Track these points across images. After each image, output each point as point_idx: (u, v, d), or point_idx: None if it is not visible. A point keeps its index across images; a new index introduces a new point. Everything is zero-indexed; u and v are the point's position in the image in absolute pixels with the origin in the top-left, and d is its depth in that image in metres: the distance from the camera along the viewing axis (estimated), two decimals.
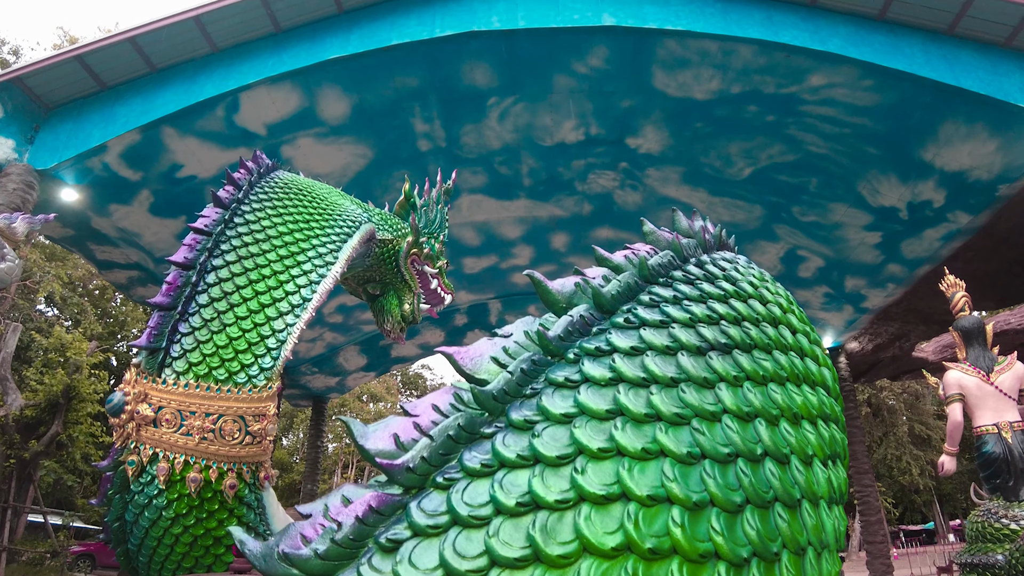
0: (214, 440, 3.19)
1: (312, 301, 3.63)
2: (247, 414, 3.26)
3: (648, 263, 1.68)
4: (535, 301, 16.26)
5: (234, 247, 3.64)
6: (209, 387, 3.22)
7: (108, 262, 11.96)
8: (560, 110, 10.24)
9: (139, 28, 9.32)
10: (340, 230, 4.05)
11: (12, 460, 18.68)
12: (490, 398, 1.28)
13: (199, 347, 3.31)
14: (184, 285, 3.48)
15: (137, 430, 3.19)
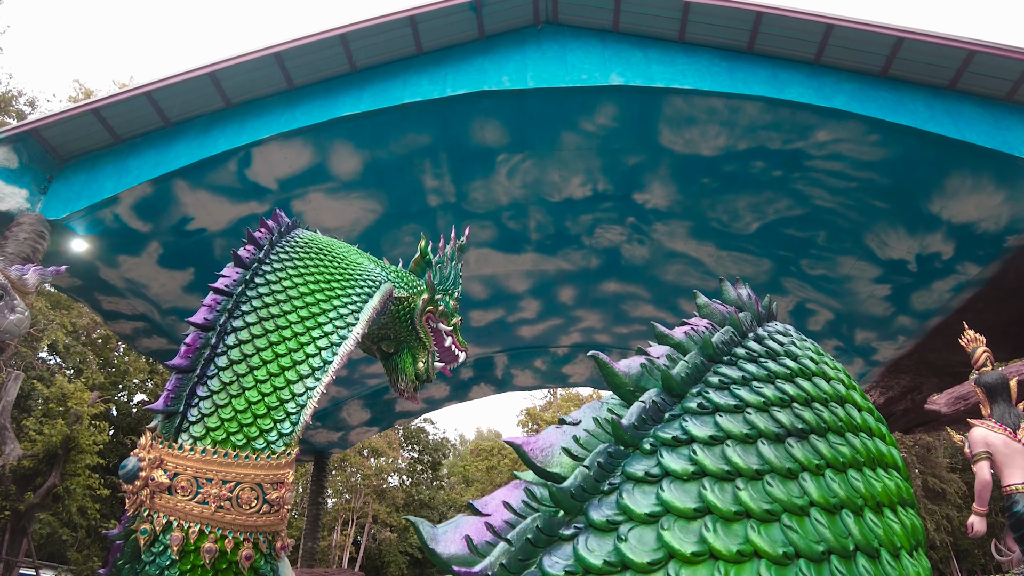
0: (231, 509, 3.08)
1: (333, 364, 3.57)
2: (265, 481, 3.16)
3: (713, 341, 1.63)
4: (541, 355, 16.19)
5: (255, 308, 3.59)
6: (227, 453, 3.12)
7: (114, 313, 11.93)
8: (568, 166, 10.35)
9: (155, 83, 9.49)
10: (361, 290, 4.02)
11: (7, 512, 18.35)
12: (568, 496, 1.21)
13: (217, 411, 3.22)
14: (203, 347, 3.40)
15: (151, 497, 3.08)
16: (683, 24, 9.52)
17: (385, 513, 34.06)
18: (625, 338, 15.37)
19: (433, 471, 39.40)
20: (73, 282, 10.91)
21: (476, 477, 37.83)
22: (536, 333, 15.19)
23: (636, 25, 9.78)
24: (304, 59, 9.48)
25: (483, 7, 9.57)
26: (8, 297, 5.50)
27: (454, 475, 40.33)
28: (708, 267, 12.45)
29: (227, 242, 10.76)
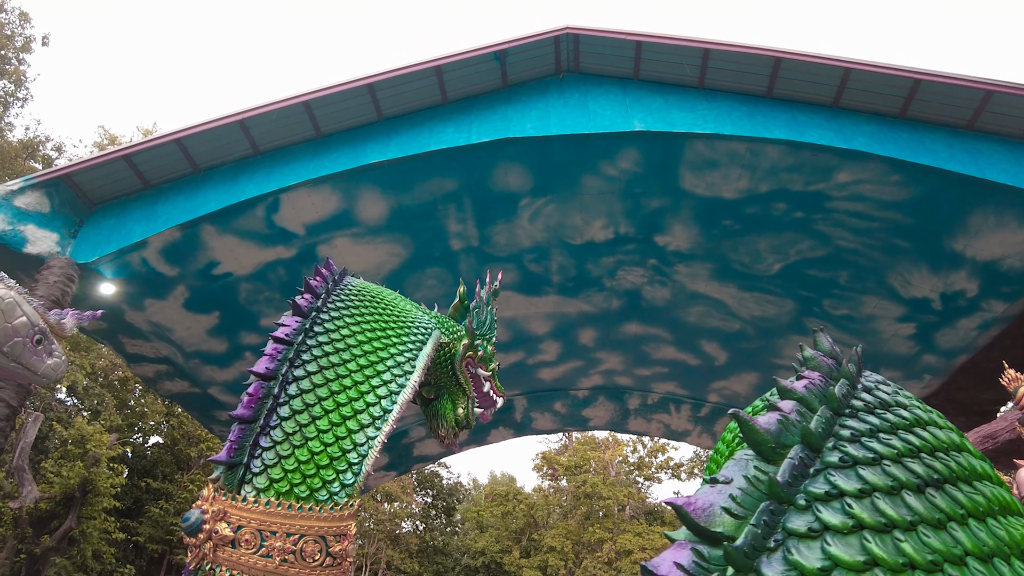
0: (295, 562, 3.01)
1: (393, 413, 3.55)
2: (328, 534, 3.11)
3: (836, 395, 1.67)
4: (561, 398, 16.08)
5: (315, 357, 3.57)
6: (291, 505, 3.07)
7: (138, 355, 12.00)
8: (590, 210, 10.45)
9: (185, 130, 9.71)
10: (415, 337, 4.02)
11: (22, 555, 18.16)
12: (742, 555, 1.26)
13: (281, 462, 3.17)
14: (265, 396, 3.37)
15: (214, 550, 3.03)
16: (703, 70, 9.70)
17: (399, 559, 33.51)
18: (646, 380, 15.27)
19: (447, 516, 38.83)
20: (99, 325, 11.01)
21: (491, 523, 37.24)
22: (556, 375, 15.13)
23: (657, 72, 9.97)
24: (332, 108, 9.71)
25: (507, 57, 9.80)
26: (47, 341, 5.53)
27: (468, 520, 39.70)
28: (730, 308, 12.43)
29: (253, 286, 10.87)
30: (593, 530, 30.48)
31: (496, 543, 36.45)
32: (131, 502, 22.61)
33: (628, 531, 30.18)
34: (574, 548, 30.93)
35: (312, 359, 3.57)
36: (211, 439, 23.46)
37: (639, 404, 16.26)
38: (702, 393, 15.47)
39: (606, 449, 34.40)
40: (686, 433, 17.22)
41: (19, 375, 5.17)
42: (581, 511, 31.96)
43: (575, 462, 33.01)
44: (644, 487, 34.93)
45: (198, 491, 22.86)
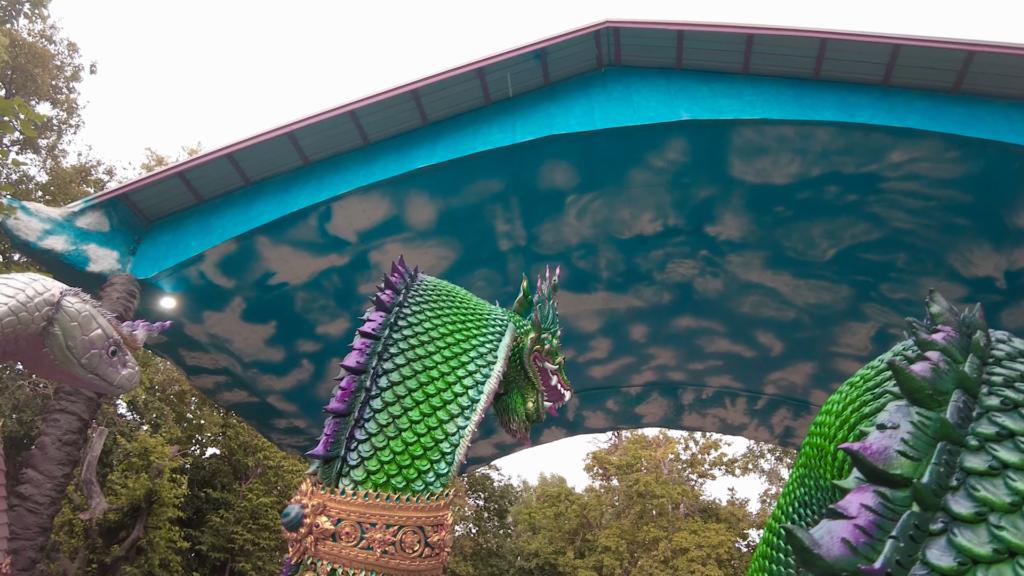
0: (395, 554, 3.04)
1: (480, 402, 3.59)
2: (426, 524, 3.14)
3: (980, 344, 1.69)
4: (613, 396, 15.99)
5: (402, 350, 3.63)
6: (389, 496, 3.10)
7: (197, 367, 12.32)
8: (638, 203, 10.38)
9: (235, 145, 9.93)
10: (493, 329, 4.06)
11: (94, 565, 18.78)
12: (930, 494, 1.33)
13: (376, 454, 3.22)
14: (358, 390, 3.43)
15: (315, 544, 3.08)
16: (747, 56, 9.56)
17: (453, 562, 33.66)
18: (700, 374, 15.09)
19: (499, 519, 38.85)
20: (159, 339, 11.33)
21: (543, 524, 37.13)
22: (607, 373, 15.05)
23: (700, 61, 9.86)
24: (378, 116, 9.84)
25: (547, 55, 9.81)
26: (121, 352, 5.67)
27: (520, 523, 39.65)
28: (785, 296, 12.21)
29: (308, 295, 11.08)
30: (647, 529, 30.17)
31: (549, 544, 36.34)
32: (193, 512, 23.18)
33: (683, 529, 29.81)
34: (629, 547, 30.66)
35: (399, 352, 3.63)
36: (267, 448, 23.93)
37: (693, 399, 16.08)
38: (758, 385, 15.22)
39: (657, 447, 34.01)
40: (742, 427, 16.95)
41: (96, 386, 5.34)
42: (634, 510, 31.67)
43: (626, 461, 32.71)
44: (697, 484, 34.44)
45: (256, 500, 23.33)
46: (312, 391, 13.29)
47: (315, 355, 12.46)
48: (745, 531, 31.54)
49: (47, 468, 8.71)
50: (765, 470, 36.17)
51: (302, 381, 12.93)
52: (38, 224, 9.36)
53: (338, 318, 11.75)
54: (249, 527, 23.14)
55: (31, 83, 19.27)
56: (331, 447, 3.27)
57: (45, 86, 20.05)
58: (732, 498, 34.60)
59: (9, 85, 19.11)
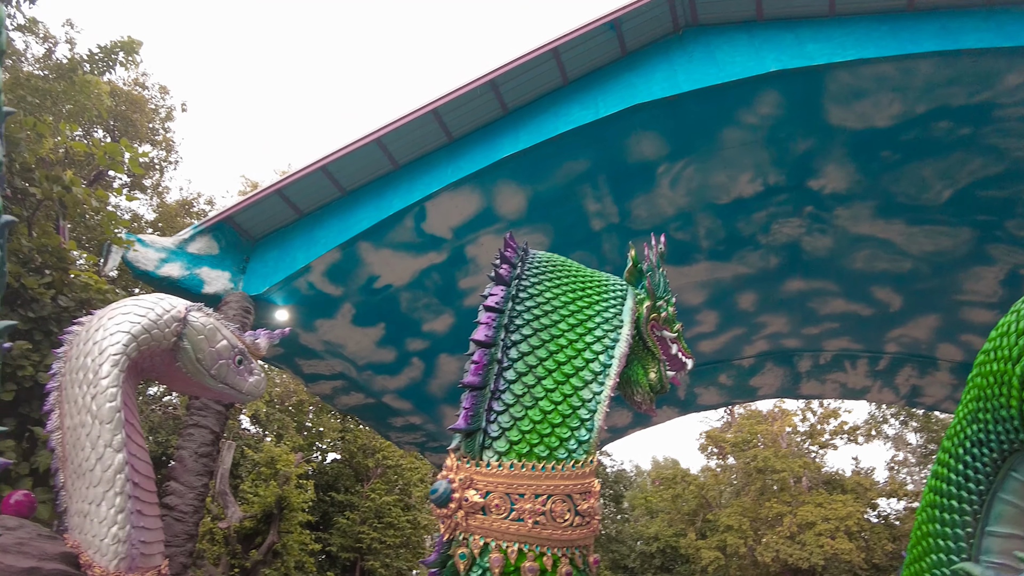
0: (546, 524, 3.01)
1: (613, 367, 3.53)
2: (574, 492, 3.11)
3: None
4: (725, 369, 15.54)
5: (527, 321, 3.63)
6: (534, 466, 3.08)
7: (314, 375, 12.83)
8: (734, 165, 9.99)
9: (328, 157, 10.22)
10: (614, 295, 4.01)
11: (236, 569, 19.95)
12: None
13: (516, 424, 3.21)
14: (490, 363, 3.45)
15: (466, 518, 3.09)
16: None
17: None
18: (816, 339, 14.41)
19: (615, 504, 38.69)
20: (276, 351, 11.85)
21: (661, 507, 36.65)
22: (717, 347, 14.61)
23: (781, 9, 9.37)
24: (458, 110, 9.89)
25: (621, 25, 9.56)
26: (247, 361, 5.90)
27: (637, 507, 39.31)
28: (899, 247, 11.46)
29: (412, 294, 11.33)
30: (770, 505, 29.21)
31: (669, 527, 35.85)
32: (320, 515, 24.29)
33: (808, 502, 28.68)
34: (752, 525, 29.79)
35: (525, 323, 3.62)
36: (385, 448, 24.72)
37: (811, 366, 15.38)
38: (878, 345, 14.39)
39: (773, 421, 32.85)
40: (865, 390, 16.09)
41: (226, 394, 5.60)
42: (754, 487, 30.73)
43: (742, 438, 31.78)
44: (818, 455, 33.02)
45: (379, 499, 24.17)
46: (424, 388, 13.60)
47: (424, 352, 12.73)
48: (874, 501, 30.02)
49: (187, 479, 9.30)
50: (890, 436, 34.34)
51: (414, 379, 13.25)
52: (154, 254, 9.95)
53: (442, 314, 11.96)
54: (375, 526, 24.02)
55: (131, 128, 20.61)
56: (471, 420, 3.29)
57: (143, 128, 21.39)
58: (857, 467, 33.06)
59: (112, 132, 20.54)
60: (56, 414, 4.34)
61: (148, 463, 4.55)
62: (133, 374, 4.67)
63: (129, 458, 4.17)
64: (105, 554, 3.92)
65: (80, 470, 4.10)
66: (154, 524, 4.44)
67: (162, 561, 4.51)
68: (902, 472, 33.81)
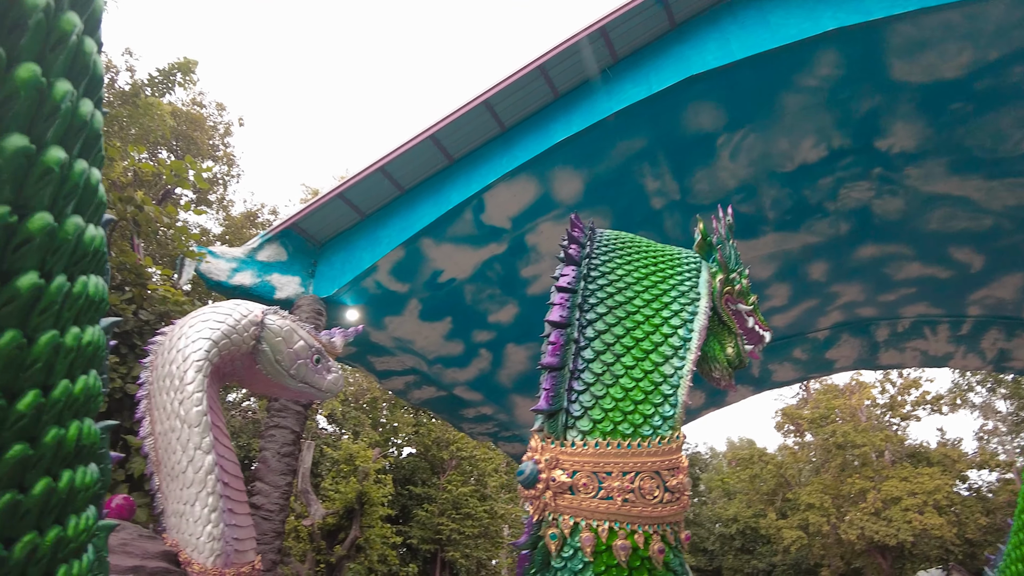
0: (636, 501, 2.99)
1: (693, 340, 3.49)
2: (662, 468, 3.08)
3: None
4: (799, 344, 15.14)
5: (601, 299, 3.60)
6: (620, 443, 3.06)
7: (387, 371, 13.12)
8: (795, 130, 9.70)
9: (384, 158, 10.38)
10: (687, 268, 3.95)
11: (321, 565, 20.61)
12: None
13: (598, 403, 3.20)
14: (567, 343, 3.44)
15: (554, 499, 3.11)
16: None
17: None
18: (893, 306, 13.87)
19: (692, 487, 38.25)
20: (349, 349, 12.18)
21: (738, 488, 36.03)
22: (789, 320, 14.23)
23: None
24: (510, 99, 9.90)
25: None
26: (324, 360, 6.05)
27: (713, 489, 38.79)
28: (978, 203, 10.92)
29: (475, 287, 11.45)
30: (852, 481, 28.31)
31: (748, 508, 35.23)
32: (399, 509, 24.87)
33: (892, 477, 27.68)
34: (834, 502, 28.95)
35: (599, 301, 3.60)
36: (459, 440, 25.07)
37: (888, 334, 14.82)
38: (960, 308, 13.75)
39: (851, 394, 31.79)
40: (947, 357, 15.41)
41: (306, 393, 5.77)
42: (835, 463, 29.84)
43: (819, 413, 30.87)
44: (901, 428, 31.80)
45: (456, 491, 24.53)
46: (494, 378, 13.74)
47: (491, 343, 12.86)
48: (963, 473, 28.72)
49: (272, 479, 9.66)
50: (976, 404, 32.78)
51: (483, 370, 13.41)
52: (225, 264, 10.33)
53: (506, 304, 12.04)
54: (453, 517, 24.42)
55: (193, 145, 21.41)
56: (553, 401, 3.27)
57: (204, 145, 22.18)
58: (942, 439, 31.66)
59: (176, 151, 21.38)
60: (147, 421, 4.52)
61: (236, 463, 4.71)
62: (216, 379, 4.82)
63: (218, 459, 4.33)
64: (202, 552, 4.09)
65: (173, 473, 4.29)
66: (245, 521, 4.61)
67: (255, 557, 4.67)
68: (992, 442, 32.26)
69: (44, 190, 1.07)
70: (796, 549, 30.85)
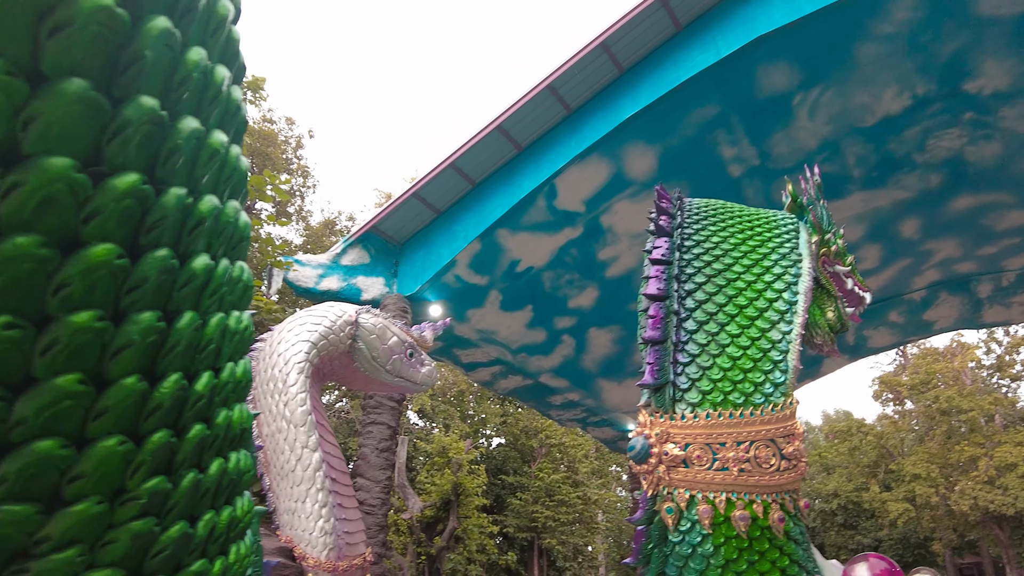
0: (752, 471, 2.95)
1: (799, 303, 3.40)
2: (777, 436, 3.04)
3: None
4: (895, 307, 14.48)
5: (699, 268, 3.56)
6: (731, 413, 3.04)
7: (472, 364, 13.32)
8: (875, 81, 9.26)
9: (454, 153, 10.50)
10: (784, 229, 3.85)
11: (422, 557, 21.16)
12: None
13: (705, 374, 3.17)
14: (667, 315, 3.42)
15: (668, 473, 3.10)
16: None
17: None
18: (995, 259, 13.05)
19: None
20: (436, 344, 12.37)
21: (837, 462, 34.84)
22: (882, 283, 13.59)
23: None
24: (574, 80, 9.83)
25: None
26: (417, 353, 6.20)
27: (811, 464, 37.60)
28: None
29: (553, 273, 11.47)
30: (960, 448, 26.89)
31: (848, 482, 34.02)
32: (493, 499, 25.24)
33: (1005, 442, 26.10)
34: (942, 472, 27.57)
35: (696, 271, 3.54)
36: (547, 428, 25.21)
37: (992, 290, 13.96)
38: None
39: (952, 357, 30.15)
40: None
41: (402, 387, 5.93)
42: (940, 430, 28.39)
43: (919, 379, 29.41)
44: (1011, 390, 29.96)
45: (548, 478, 24.70)
46: (578, 364, 13.75)
47: (573, 329, 12.87)
48: None
49: (372, 474, 9.97)
50: None
51: (567, 356, 13.43)
52: (312, 271, 10.69)
53: (586, 289, 12.02)
54: (546, 504, 24.61)
55: (268, 161, 22.22)
56: (658, 374, 3.24)
57: (278, 159, 22.98)
58: None
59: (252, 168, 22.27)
60: (255, 423, 4.68)
61: (341, 459, 4.89)
62: (317, 379, 4.97)
63: (324, 456, 4.47)
64: (315, 546, 4.23)
65: (283, 472, 4.45)
66: (354, 515, 4.78)
67: (366, 549, 4.83)
68: None
69: (210, 173, 1.10)
70: (903, 522, 29.59)
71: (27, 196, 0.81)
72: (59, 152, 0.84)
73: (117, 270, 0.91)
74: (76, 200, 0.86)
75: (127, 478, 0.98)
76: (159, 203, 0.97)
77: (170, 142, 0.98)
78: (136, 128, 0.92)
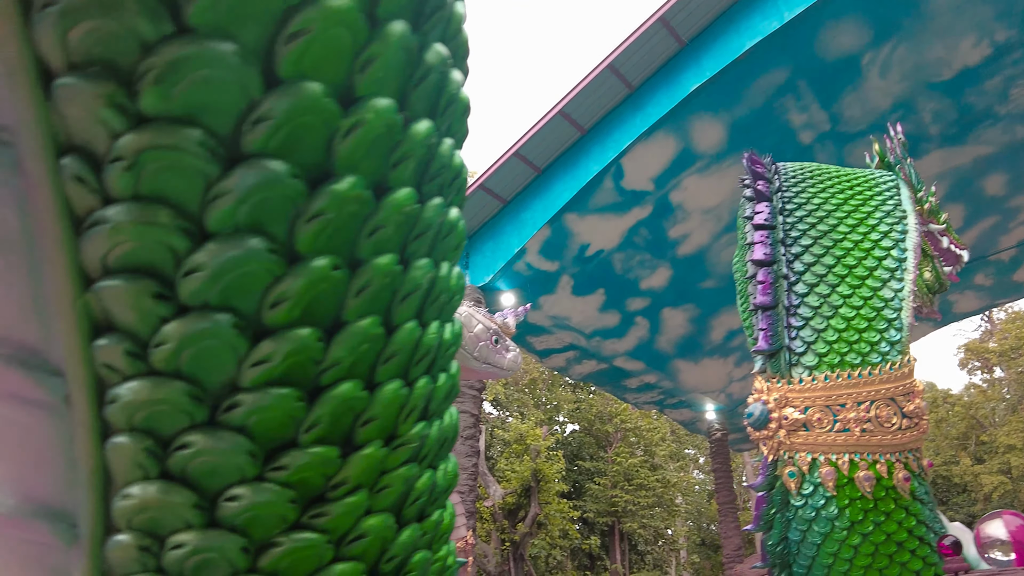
0: (874, 430, 2.94)
1: (909, 259, 3.38)
2: (897, 394, 3.03)
3: None
4: (981, 269, 13.83)
5: (803, 231, 3.55)
6: (849, 374, 3.03)
7: (546, 350, 13.43)
8: (950, 32, 8.91)
9: (518, 142, 10.58)
10: (885, 187, 3.82)
11: (507, 544, 21.47)
12: None
13: (820, 336, 3.17)
14: (776, 280, 3.44)
15: (788, 437, 3.11)
16: None
17: None
18: None
19: None
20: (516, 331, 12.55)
21: None
22: (968, 244, 12.96)
23: None
24: (634, 57, 9.76)
25: None
26: (502, 340, 6.34)
27: None
28: None
29: (624, 254, 11.46)
30: None
31: (936, 455, 32.62)
32: (572, 485, 25.36)
33: None
34: None
35: (801, 233, 3.54)
36: (622, 412, 25.12)
37: None
38: None
39: None
40: None
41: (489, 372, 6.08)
42: None
43: (1008, 345, 28.00)
44: None
45: (626, 462, 24.66)
46: (653, 345, 13.70)
47: (646, 310, 12.83)
48: None
49: (459, 462, 10.20)
50: None
51: (642, 338, 13.40)
52: None
53: (657, 268, 11.97)
54: (625, 488, 24.58)
55: None
56: (772, 340, 3.26)
57: None
58: None
59: None
60: None
61: None
62: None
63: None
64: None
65: None
66: (455, 498, 4.98)
67: (467, 532, 4.98)
68: None
69: (440, 174, 1.05)
70: (999, 496, 28.25)
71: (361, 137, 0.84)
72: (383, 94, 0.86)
73: (412, 214, 0.94)
74: (391, 141, 0.88)
75: (399, 423, 0.99)
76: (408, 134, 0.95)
77: None
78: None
